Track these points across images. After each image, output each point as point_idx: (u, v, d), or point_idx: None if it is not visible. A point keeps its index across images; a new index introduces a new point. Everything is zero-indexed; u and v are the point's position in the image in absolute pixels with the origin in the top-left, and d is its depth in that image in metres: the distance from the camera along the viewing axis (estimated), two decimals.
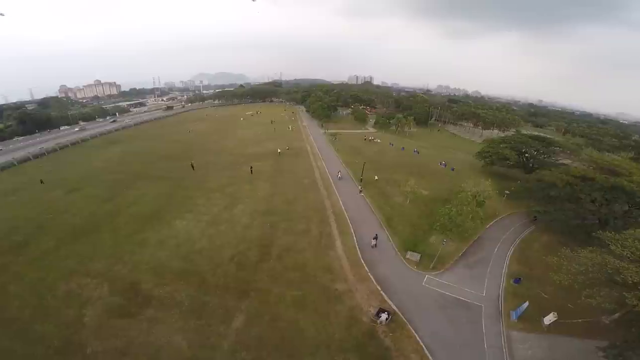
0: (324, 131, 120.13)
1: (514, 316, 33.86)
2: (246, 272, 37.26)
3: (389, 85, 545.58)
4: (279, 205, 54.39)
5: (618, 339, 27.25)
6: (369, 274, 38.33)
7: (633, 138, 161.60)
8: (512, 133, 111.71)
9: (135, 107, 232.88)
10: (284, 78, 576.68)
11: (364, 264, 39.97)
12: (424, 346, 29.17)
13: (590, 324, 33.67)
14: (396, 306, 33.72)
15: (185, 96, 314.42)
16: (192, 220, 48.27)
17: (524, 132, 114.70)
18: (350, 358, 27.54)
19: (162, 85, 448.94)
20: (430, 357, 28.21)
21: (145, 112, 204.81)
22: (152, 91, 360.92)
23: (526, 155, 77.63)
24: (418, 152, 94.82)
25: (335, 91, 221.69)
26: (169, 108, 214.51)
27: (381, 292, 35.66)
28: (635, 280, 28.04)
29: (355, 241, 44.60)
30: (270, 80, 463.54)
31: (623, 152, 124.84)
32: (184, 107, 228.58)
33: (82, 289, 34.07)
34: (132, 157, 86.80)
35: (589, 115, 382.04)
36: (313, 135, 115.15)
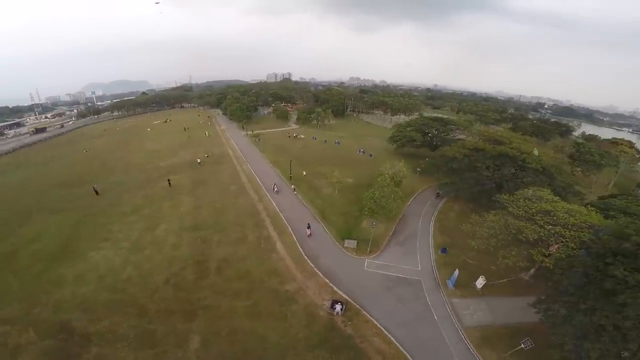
0: (245, 133, 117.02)
1: (450, 284, 38.16)
2: (186, 292, 35.06)
3: (307, 80, 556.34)
4: (207, 217, 51.60)
5: (541, 293, 31.92)
6: (315, 269, 39.23)
7: (509, 111, 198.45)
8: (416, 116, 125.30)
9: (11, 129, 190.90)
10: (194, 81, 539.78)
11: (308, 260, 40.73)
12: (382, 328, 31.30)
13: (514, 282, 39.45)
14: (347, 295, 35.34)
15: (76, 110, 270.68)
16: (111, 249, 43.28)
17: (425, 114, 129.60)
18: (320, 353, 28.20)
19: (43, 101, 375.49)
20: (391, 337, 30.38)
21: (25, 133, 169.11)
22: (31, 108, 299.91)
23: (429, 135, 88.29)
24: (339, 143, 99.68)
25: (253, 91, 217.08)
26: (38, 131, 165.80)
27: (330, 284, 36.87)
28: (535, 238, 33.88)
29: (296, 239, 45.02)
30: (178, 84, 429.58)
31: (503, 124, 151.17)
32: (62, 126, 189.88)
33: (5, 337, 29.17)
34: (18, 189, 72.42)
35: (474, 94, 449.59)
36: (234, 138, 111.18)
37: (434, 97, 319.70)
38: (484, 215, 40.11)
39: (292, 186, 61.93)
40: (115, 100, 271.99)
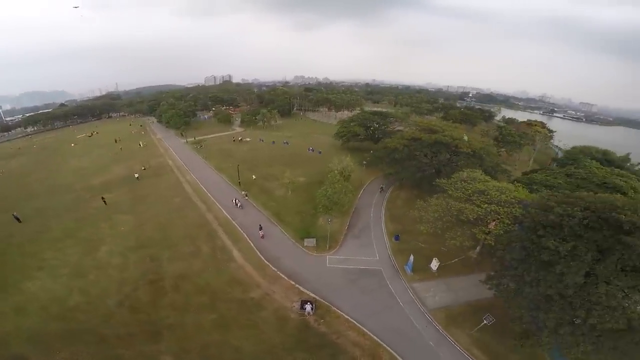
0: (185, 140, 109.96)
1: (408, 270, 39.92)
2: (145, 313, 32.65)
3: (250, 81, 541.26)
4: (152, 234, 47.66)
5: (490, 269, 34.18)
6: (278, 272, 38.65)
7: (440, 102, 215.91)
8: (358, 112, 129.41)
9: None
10: (121, 88, 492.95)
11: (270, 264, 39.94)
12: (354, 321, 31.86)
13: (465, 260, 42.47)
14: (314, 293, 35.38)
15: None
16: (48, 277, 38.68)
17: (366, 109, 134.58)
18: (298, 355, 27.93)
19: None
20: (364, 329, 31.05)
21: None
22: None
23: (371, 128, 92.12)
24: (288, 143, 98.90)
25: (191, 95, 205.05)
26: None
27: (296, 285, 36.64)
28: (474, 217, 36.36)
29: (253, 246, 43.81)
30: (103, 93, 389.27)
31: (436, 113, 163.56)
32: None
33: None
34: None
35: (408, 87, 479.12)
36: (173, 147, 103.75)
37: (373, 91, 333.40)
38: (427, 200, 42.69)
39: (243, 192, 59.84)
40: (28, 115, 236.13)
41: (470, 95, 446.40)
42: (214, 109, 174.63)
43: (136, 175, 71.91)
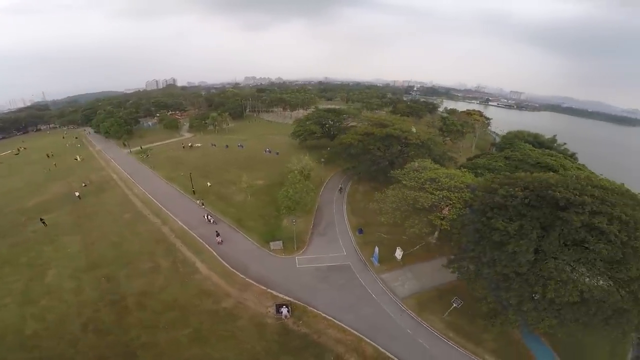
0: (129, 150, 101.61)
1: (375, 261, 40.91)
2: (113, 334, 30.63)
3: (197, 84, 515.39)
4: (104, 253, 43.83)
5: (450, 253, 36.20)
6: (247, 279, 37.64)
7: (388, 96, 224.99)
8: (313, 110, 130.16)
9: None
10: (50, 98, 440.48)
11: (237, 272, 38.71)
12: (332, 318, 32.06)
13: (426, 247, 44.47)
14: (288, 296, 34.93)
15: None
16: None
17: (320, 107, 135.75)
18: (284, 359, 27.74)
19: None
20: (344, 325, 31.39)
21: None
22: None
23: (327, 126, 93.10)
24: (242, 146, 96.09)
25: (131, 101, 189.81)
26: None
27: (268, 290, 35.93)
28: (429, 204, 38.26)
29: (216, 255, 42.13)
30: (28, 104, 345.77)
31: (385, 108, 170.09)
32: None
33: None
34: None
35: (358, 84, 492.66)
36: (115, 159, 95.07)
37: (326, 89, 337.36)
38: (384, 191, 44.18)
39: (198, 201, 56.94)
40: None
41: (415, 88, 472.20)
42: (158, 115, 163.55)
43: (77, 194, 64.71)
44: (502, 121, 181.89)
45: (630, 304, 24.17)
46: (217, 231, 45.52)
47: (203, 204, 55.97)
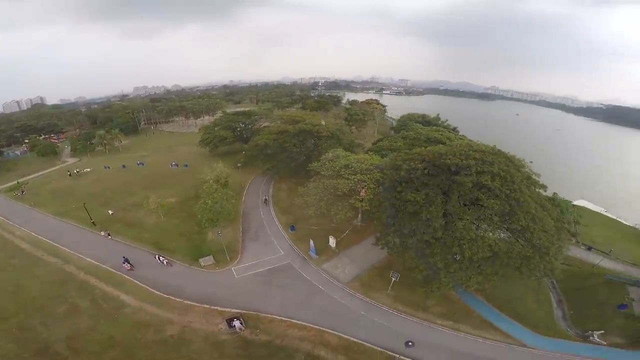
0: None
1: (313, 254, 41.56)
2: None
3: (73, 100, 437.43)
4: (4, 305, 35.88)
5: (375, 232, 38.16)
6: (186, 301, 34.63)
7: (297, 94, 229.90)
8: (220, 115, 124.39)
9: None
10: None
11: (172, 297, 35.33)
12: (288, 319, 31.76)
13: (353, 230, 46.67)
14: (236, 308, 33.21)
15: None
16: None
17: (228, 111, 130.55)
18: None
19: None
20: (301, 322, 31.29)
21: None
22: None
23: (238, 129, 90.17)
24: (143, 164, 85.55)
25: None
26: None
27: (212, 307, 33.66)
28: (347, 189, 40.36)
29: (141, 283, 37.75)
30: None
31: (295, 105, 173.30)
32: None
33: None
34: None
35: (267, 84, 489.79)
36: None
37: (232, 92, 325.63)
38: (306, 185, 45.36)
39: (102, 232, 49.08)
40: None
41: (320, 84, 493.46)
42: (27, 141, 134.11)
43: None
44: (396, 106, 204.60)
45: (530, 251, 28.61)
46: (124, 257, 40.41)
47: (109, 235, 48.56)
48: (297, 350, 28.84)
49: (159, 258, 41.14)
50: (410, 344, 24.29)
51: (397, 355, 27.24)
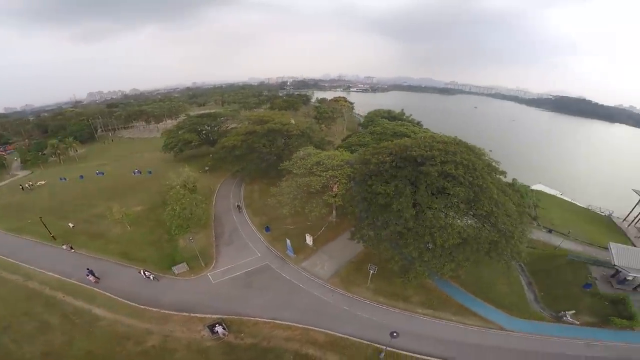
0: None
1: (291, 254, 41.28)
2: None
3: (19, 109, 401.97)
4: None
5: (350, 226, 38.40)
6: (164, 310, 33.27)
7: (264, 94, 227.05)
8: (184, 118, 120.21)
9: None
10: None
11: (148, 307, 33.83)
12: (272, 320, 31.37)
13: (329, 227, 46.83)
14: (217, 314, 32.25)
15: None
16: None
17: (192, 114, 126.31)
18: None
19: None
20: (286, 323, 30.97)
21: None
22: None
23: (204, 132, 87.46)
24: (103, 173, 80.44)
25: None
26: None
27: (192, 315, 32.48)
28: (320, 186, 40.46)
29: (115, 296, 35.79)
30: None
31: (263, 105, 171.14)
32: None
33: None
34: None
35: (232, 85, 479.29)
36: None
37: (196, 94, 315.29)
38: (279, 184, 45.02)
39: (64, 246, 45.65)
40: None
41: (289, 83, 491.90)
42: None
43: None
44: (363, 103, 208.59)
45: (497, 235, 29.93)
46: (88, 269, 38.05)
47: (72, 248, 45.37)
48: (285, 351, 28.57)
49: (144, 273, 38.49)
50: (395, 334, 24.90)
51: (384, 347, 27.71)
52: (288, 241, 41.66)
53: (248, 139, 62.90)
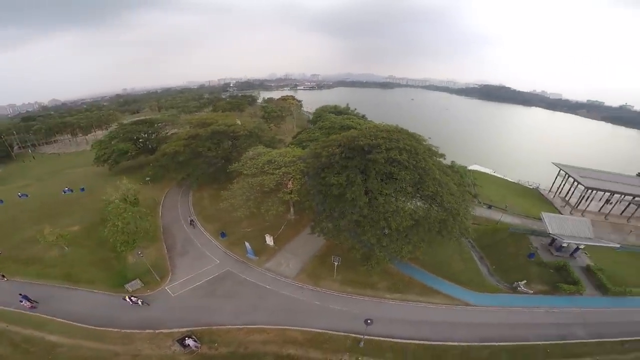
0: None
1: (252, 256, 40.23)
2: None
3: None
4: None
5: (309, 222, 38.20)
6: (125, 330, 30.81)
7: (206, 97, 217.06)
8: (116, 127, 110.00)
9: None
10: None
11: (109, 328, 31.25)
12: (245, 325, 30.47)
13: (289, 225, 46.12)
14: (184, 327, 30.59)
15: None
16: None
17: (125, 122, 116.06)
18: None
19: None
20: (260, 326, 30.29)
21: None
22: None
23: (141, 140, 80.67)
24: (27, 195, 70.39)
25: None
26: None
27: (157, 331, 30.53)
28: (274, 184, 39.79)
29: (67, 321, 32.46)
30: None
31: (205, 109, 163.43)
32: None
33: None
34: None
35: (169, 89, 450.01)
36: None
37: (128, 101, 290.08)
38: (230, 187, 43.44)
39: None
40: None
41: (232, 85, 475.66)
42: None
43: None
44: (310, 101, 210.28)
45: (444, 214, 32.00)
46: (21, 294, 34.18)
47: (4, 276, 39.27)
48: (265, 354, 27.92)
49: (129, 299, 34.53)
50: (369, 321, 25.65)
51: (362, 336, 28.31)
52: (247, 244, 40.57)
53: (191, 144, 59.41)
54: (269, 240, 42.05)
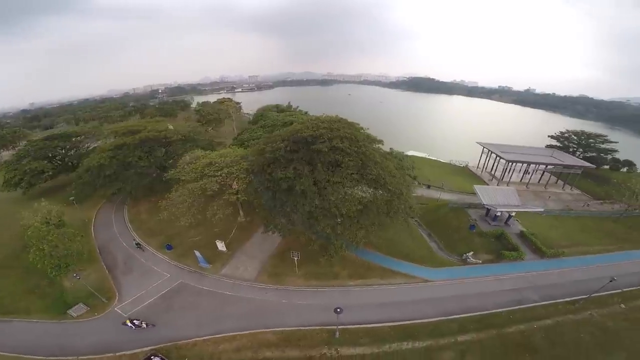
0: None
1: (205, 265, 38.42)
2: None
3: None
4: None
5: (262, 221, 37.48)
6: (80, 358, 28.12)
7: (131, 105, 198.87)
8: (25, 145, 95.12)
9: None
10: None
11: (59, 356, 28.52)
12: (212, 335, 29.18)
13: (240, 227, 44.74)
14: (147, 346, 28.50)
15: None
16: None
17: (35, 139, 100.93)
18: None
19: None
20: (229, 334, 29.10)
21: None
22: None
23: (58, 157, 70.97)
24: None
25: None
26: None
27: (117, 354, 28.09)
28: (217, 187, 38.23)
29: (9, 353, 28.91)
30: None
31: (131, 117, 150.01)
32: None
33: None
34: None
35: (87, 100, 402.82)
36: None
37: (38, 116, 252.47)
38: (168, 197, 40.70)
39: None
40: None
41: (160, 91, 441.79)
42: None
43: None
44: (251, 101, 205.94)
45: (389, 195, 33.21)
46: None
47: None
48: None
49: (132, 323, 30.61)
50: (339, 310, 26.05)
51: (336, 327, 28.54)
52: (197, 253, 38.59)
53: (118, 155, 53.62)
54: (221, 246, 40.44)
